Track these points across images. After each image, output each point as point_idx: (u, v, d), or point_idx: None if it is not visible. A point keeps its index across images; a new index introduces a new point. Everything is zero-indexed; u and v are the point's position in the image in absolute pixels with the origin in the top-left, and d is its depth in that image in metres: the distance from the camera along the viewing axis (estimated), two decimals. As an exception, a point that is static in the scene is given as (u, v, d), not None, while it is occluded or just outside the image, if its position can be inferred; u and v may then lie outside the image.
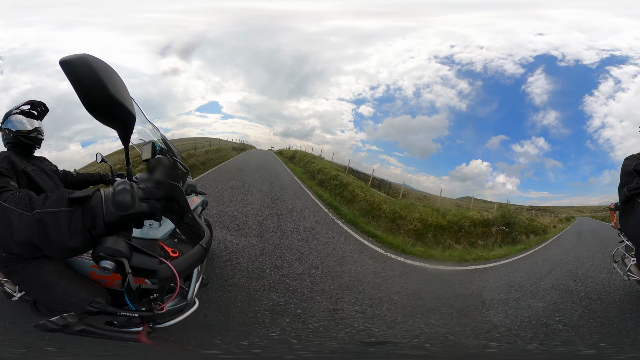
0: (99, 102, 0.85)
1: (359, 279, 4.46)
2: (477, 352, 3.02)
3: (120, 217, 0.91)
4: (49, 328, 2.01)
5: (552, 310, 3.83)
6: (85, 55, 0.84)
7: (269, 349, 2.72)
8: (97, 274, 2.16)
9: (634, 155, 2.15)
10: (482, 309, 3.90)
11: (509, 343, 3.11)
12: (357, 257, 5.46)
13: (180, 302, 2.28)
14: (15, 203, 0.93)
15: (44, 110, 2.59)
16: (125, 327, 2.14)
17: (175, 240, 2.41)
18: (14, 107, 2.48)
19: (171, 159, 2.73)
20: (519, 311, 3.82)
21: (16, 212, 0.91)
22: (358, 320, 3.33)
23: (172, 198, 1.03)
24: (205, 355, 2.58)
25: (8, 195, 0.97)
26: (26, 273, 2.06)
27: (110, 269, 0.90)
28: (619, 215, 2.05)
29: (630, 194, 1.88)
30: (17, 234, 0.90)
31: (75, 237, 0.89)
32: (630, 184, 1.92)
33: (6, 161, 2.18)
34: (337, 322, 3.28)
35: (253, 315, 3.18)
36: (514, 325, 3.45)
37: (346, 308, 3.57)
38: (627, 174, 2.01)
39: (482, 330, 3.34)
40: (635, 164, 2.00)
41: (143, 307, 2.12)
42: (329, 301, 3.69)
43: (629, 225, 1.95)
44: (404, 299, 4.01)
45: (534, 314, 3.72)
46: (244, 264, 4.36)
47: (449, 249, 7.07)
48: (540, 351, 2.98)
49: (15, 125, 2.40)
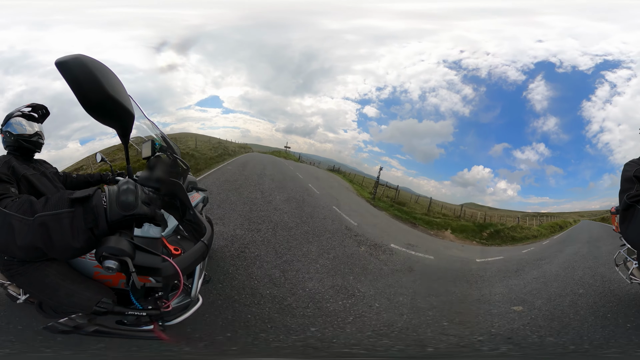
0: (96, 101, 0.85)
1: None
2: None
3: (123, 217, 0.90)
4: (60, 330, 2.02)
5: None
6: (80, 56, 0.83)
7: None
8: (101, 274, 2.16)
9: (633, 161, 2.14)
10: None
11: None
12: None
13: (185, 300, 2.29)
14: (16, 209, 0.94)
15: (45, 113, 2.57)
16: (136, 325, 2.15)
17: (178, 237, 2.41)
18: (15, 110, 2.45)
19: (171, 156, 2.72)
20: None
21: (17, 218, 0.92)
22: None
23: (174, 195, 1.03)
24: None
25: (8, 201, 0.97)
26: (29, 276, 2.05)
27: (114, 269, 0.90)
28: (619, 222, 2.04)
29: (631, 201, 1.87)
30: (20, 240, 0.90)
31: (79, 237, 0.89)
32: (630, 191, 1.91)
33: (6, 167, 2.15)
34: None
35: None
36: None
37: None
38: (627, 181, 2.01)
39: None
40: (636, 170, 1.98)
41: (149, 305, 2.13)
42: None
43: (629, 232, 1.95)
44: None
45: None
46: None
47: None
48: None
49: (16, 129, 2.38)
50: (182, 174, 2.99)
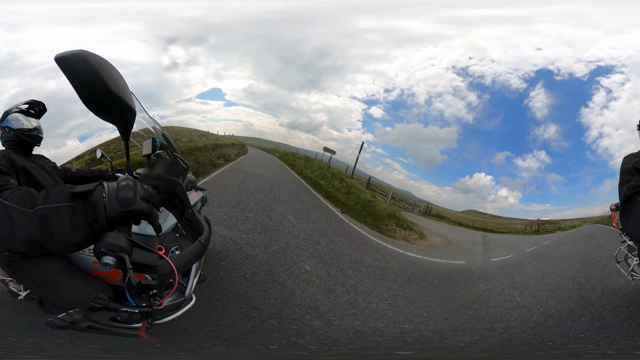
0: (98, 97, 0.84)
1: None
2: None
3: (122, 213, 0.91)
4: (58, 325, 2.02)
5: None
6: (81, 51, 0.82)
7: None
8: (99, 270, 2.16)
9: (632, 154, 2.14)
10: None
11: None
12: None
13: (178, 298, 2.29)
14: (16, 201, 0.93)
15: (42, 109, 2.59)
16: (127, 322, 2.15)
17: (176, 235, 2.41)
18: (13, 107, 2.47)
19: (171, 154, 2.72)
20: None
21: (17, 210, 0.91)
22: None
23: (173, 194, 1.04)
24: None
25: (8, 193, 0.97)
26: (29, 271, 2.05)
27: (111, 265, 0.90)
28: (619, 215, 2.02)
29: (630, 192, 1.86)
30: (20, 232, 0.90)
31: (78, 231, 0.89)
32: (629, 183, 1.90)
33: (5, 159, 2.16)
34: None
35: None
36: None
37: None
38: (626, 172, 1.99)
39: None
40: (635, 162, 1.98)
41: (143, 302, 2.13)
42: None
43: (629, 223, 1.92)
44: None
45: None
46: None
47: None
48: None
49: (15, 124, 2.40)
50: (182, 173, 2.98)
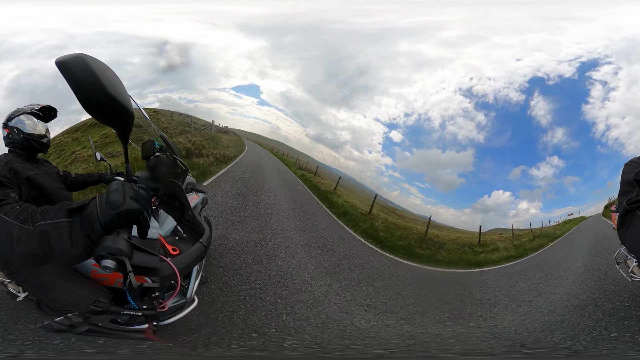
0: (97, 101, 0.85)
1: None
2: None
3: (114, 215, 0.91)
4: (55, 328, 2.02)
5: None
6: (81, 55, 0.83)
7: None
8: (98, 273, 2.15)
9: (634, 161, 2.10)
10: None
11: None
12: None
13: (180, 300, 2.29)
14: (16, 217, 0.95)
15: (52, 114, 2.56)
16: (129, 325, 2.14)
17: (176, 238, 2.40)
18: (26, 107, 2.43)
19: (171, 156, 2.71)
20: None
21: (17, 226, 0.93)
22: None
23: (172, 196, 1.03)
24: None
25: (8, 208, 0.98)
26: (28, 273, 2.05)
27: (111, 268, 0.90)
28: (618, 226, 2.01)
29: (630, 206, 1.85)
30: (20, 248, 0.91)
31: (77, 244, 0.91)
32: (629, 195, 1.89)
33: (7, 168, 2.10)
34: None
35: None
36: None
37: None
38: (627, 183, 1.96)
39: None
40: (636, 172, 1.96)
41: (145, 305, 2.13)
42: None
43: (627, 237, 1.90)
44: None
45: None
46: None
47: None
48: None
49: (27, 127, 2.34)
50: (182, 175, 2.98)
